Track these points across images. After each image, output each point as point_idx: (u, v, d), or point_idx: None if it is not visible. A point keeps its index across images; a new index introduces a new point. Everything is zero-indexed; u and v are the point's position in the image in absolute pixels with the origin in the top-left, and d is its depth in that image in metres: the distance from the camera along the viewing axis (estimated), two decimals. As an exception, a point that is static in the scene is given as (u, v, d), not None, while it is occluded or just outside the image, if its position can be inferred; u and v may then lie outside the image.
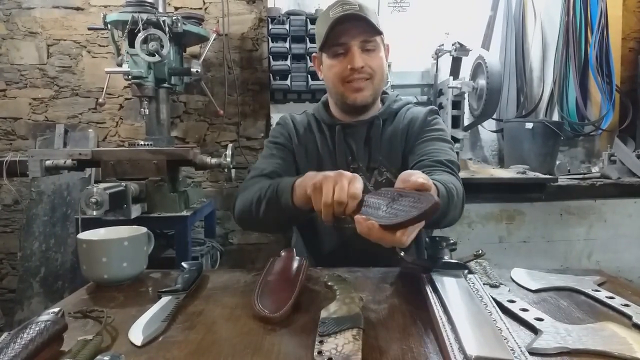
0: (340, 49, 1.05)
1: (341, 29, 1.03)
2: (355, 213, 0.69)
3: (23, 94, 2.61)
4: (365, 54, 1.05)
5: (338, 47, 1.05)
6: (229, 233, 2.68)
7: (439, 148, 1.08)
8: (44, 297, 2.32)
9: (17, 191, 2.56)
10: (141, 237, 0.90)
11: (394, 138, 1.13)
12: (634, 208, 2.03)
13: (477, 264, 0.85)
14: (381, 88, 1.14)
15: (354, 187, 0.71)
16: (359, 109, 1.12)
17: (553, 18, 2.50)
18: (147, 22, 1.95)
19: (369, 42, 1.05)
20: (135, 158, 1.75)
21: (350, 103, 1.09)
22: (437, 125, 1.15)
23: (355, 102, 1.08)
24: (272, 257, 0.91)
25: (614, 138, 2.33)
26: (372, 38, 1.05)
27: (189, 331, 0.64)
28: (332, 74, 1.08)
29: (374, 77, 1.07)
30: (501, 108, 2.45)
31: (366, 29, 1.03)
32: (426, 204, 0.58)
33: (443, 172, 0.99)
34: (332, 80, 1.09)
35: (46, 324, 0.55)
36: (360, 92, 1.07)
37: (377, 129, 1.13)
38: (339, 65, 1.06)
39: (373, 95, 1.10)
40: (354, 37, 1.03)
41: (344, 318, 0.61)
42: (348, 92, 1.08)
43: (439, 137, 1.11)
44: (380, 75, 1.09)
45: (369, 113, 1.14)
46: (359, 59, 1.03)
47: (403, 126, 1.14)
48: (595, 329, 0.60)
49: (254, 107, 2.64)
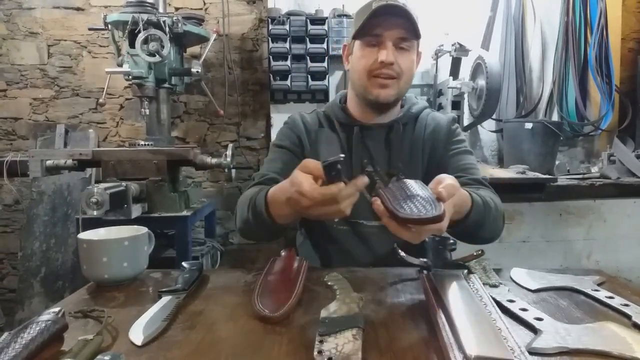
0: (374, 40, 1.01)
1: (380, 20, 0.99)
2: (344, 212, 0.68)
3: (24, 94, 2.61)
4: (398, 52, 1.01)
5: (372, 38, 1.01)
6: (229, 233, 2.69)
7: (471, 164, 1.09)
8: (44, 296, 2.32)
9: (17, 191, 2.57)
10: (142, 237, 0.90)
11: (415, 146, 1.10)
12: (633, 208, 2.03)
13: (477, 263, 0.85)
14: (405, 91, 1.09)
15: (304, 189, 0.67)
16: (380, 107, 1.07)
17: (552, 18, 2.49)
18: (147, 23, 1.95)
19: (405, 41, 1.01)
20: (136, 158, 1.76)
21: (372, 99, 1.04)
22: (460, 136, 1.14)
23: (378, 99, 1.03)
24: (273, 257, 0.91)
25: (613, 138, 2.32)
26: (409, 38, 1.01)
27: (189, 331, 0.64)
28: (360, 64, 1.03)
29: (401, 77, 1.03)
30: (501, 108, 2.45)
31: (405, 26, 0.99)
32: (429, 213, 0.61)
33: (484, 188, 1.02)
34: (359, 72, 1.04)
35: (47, 324, 0.55)
36: (384, 89, 1.02)
37: (397, 133, 1.09)
38: (368, 56, 1.02)
39: (397, 95, 1.06)
40: (390, 31, 0.99)
41: (343, 318, 0.61)
42: (372, 86, 1.03)
43: (466, 150, 1.12)
44: (407, 78, 1.05)
45: (389, 115, 1.11)
46: (390, 53, 0.99)
47: (427, 135, 1.11)
48: (595, 329, 0.60)
49: (254, 107, 2.65)
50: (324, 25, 2.19)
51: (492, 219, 0.92)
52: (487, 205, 0.89)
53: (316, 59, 2.20)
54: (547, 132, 2.14)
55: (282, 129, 1.17)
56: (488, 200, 0.91)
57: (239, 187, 2.66)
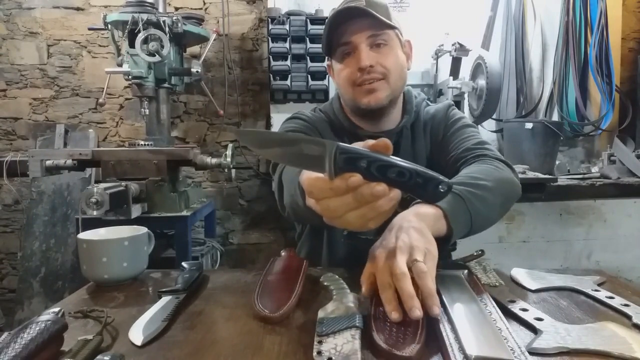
0: (347, 48, 0.95)
1: (344, 27, 0.93)
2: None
3: (23, 94, 2.61)
4: (376, 51, 0.94)
5: (344, 47, 0.95)
6: (229, 233, 2.69)
7: (464, 136, 0.99)
8: (44, 297, 2.32)
9: (17, 191, 2.57)
10: (141, 237, 0.90)
11: (418, 142, 1.05)
12: (633, 208, 2.03)
13: (477, 263, 0.85)
14: (400, 88, 1.01)
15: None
16: (376, 114, 1.00)
17: (553, 18, 2.50)
18: (147, 23, 1.95)
19: (378, 37, 0.93)
20: (136, 158, 1.76)
21: (364, 107, 0.96)
22: (457, 115, 1.07)
23: (370, 106, 0.96)
24: (273, 257, 0.91)
25: (613, 138, 2.33)
26: (381, 32, 0.93)
27: (189, 331, 0.64)
28: (342, 78, 0.97)
29: (388, 76, 0.95)
30: (501, 108, 2.45)
31: (373, 23, 0.92)
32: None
33: (472, 163, 0.90)
34: (343, 86, 0.98)
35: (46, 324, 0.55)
36: (373, 94, 0.95)
37: (407, 140, 1.03)
38: (347, 68, 0.96)
39: (390, 96, 0.97)
40: (359, 34, 0.93)
41: (341, 318, 0.61)
42: (360, 96, 0.96)
43: (462, 125, 1.03)
44: (396, 74, 0.96)
45: (391, 118, 1.04)
46: (365, 57, 0.92)
47: (425, 127, 1.06)
48: (595, 329, 0.60)
49: (254, 107, 2.65)
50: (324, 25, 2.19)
51: (493, 195, 0.80)
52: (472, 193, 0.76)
53: (316, 59, 2.20)
54: (548, 132, 2.14)
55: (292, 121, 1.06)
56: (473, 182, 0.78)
57: (239, 187, 2.66)
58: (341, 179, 0.50)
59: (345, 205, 0.52)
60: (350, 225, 0.54)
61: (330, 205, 0.53)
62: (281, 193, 0.85)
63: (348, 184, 0.49)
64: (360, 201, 0.51)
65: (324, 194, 0.52)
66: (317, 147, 0.51)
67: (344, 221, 0.54)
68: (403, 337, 0.55)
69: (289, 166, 0.81)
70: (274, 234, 2.65)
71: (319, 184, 0.52)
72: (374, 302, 0.63)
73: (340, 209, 0.52)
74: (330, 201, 0.52)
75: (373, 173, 0.50)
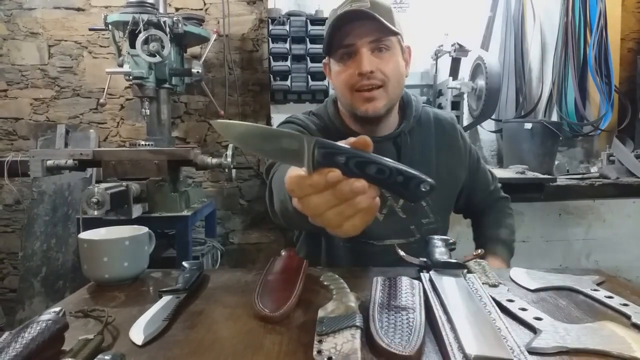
0: (347, 51, 0.93)
1: (348, 28, 0.91)
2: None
3: (24, 95, 2.62)
4: (377, 56, 0.92)
5: (344, 49, 0.93)
6: (229, 233, 2.69)
7: (487, 179, 1.19)
8: (45, 296, 2.32)
9: (18, 191, 2.57)
10: (142, 237, 0.90)
11: (427, 150, 1.05)
12: (632, 208, 2.03)
13: (476, 263, 0.86)
14: (397, 96, 1.00)
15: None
16: (373, 121, 0.99)
17: (552, 19, 2.50)
18: (147, 23, 1.96)
19: (381, 42, 0.92)
20: (136, 158, 1.76)
21: (361, 115, 0.96)
22: (468, 140, 1.17)
23: (367, 114, 0.95)
24: (273, 257, 0.91)
25: (612, 138, 2.33)
26: (385, 37, 0.92)
27: (189, 330, 0.64)
28: (339, 81, 0.96)
29: (387, 83, 0.94)
30: (500, 108, 2.45)
31: (377, 27, 0.90)
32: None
33: (493, 206, 1.21)
34: (341, 89, 0.97)
35: (47, 324, 0.55)
36: (371, 103, 0.94)
37: (406, 145, 1.03)
38: (346, 71, 0.94)
39: (387, 105, 0.96)
40: (362, 37, 0.91)
41: (341, 317, 0.61)
42: (358, 102, 0.95)
43: (478, 160, 1.18)
44: (395, 82, 0.95)
45: (389, 124, 1.03)
46: (367, 62, 0.90)
47: (435, 136, 1.07)
48: (594, 329, 0.60)
49: (255, 107, 2.65)
50: (324, 25, 2.19)
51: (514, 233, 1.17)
52: (510, 238, 1.15)
53: (316, 60, 2.21)
54: (547, 132, 2.14)
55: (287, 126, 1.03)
56: (507, 231, 1.15)
57: (239, 187, 2.66)
58: (320, 174, 0.49)
59: (325, 202, 0.50)
60: (330, 224, 0.52)
61: (310, 202, 0.51)
62: (272, 199, 0.84)
63: (327, 179, 0.48)
64: (340, 198, 0.49)
65: (304, 191, 0.51)
66: (296, 141, 0.51)
67: (324, 219, 0.52)
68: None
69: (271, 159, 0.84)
70: (274, 234, 2.66)
71: (299, 181, 0.51)
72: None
73: (321, 207, 0.51)
74: (311, 198, 0.51)
75: (352, 169, 0.49)
